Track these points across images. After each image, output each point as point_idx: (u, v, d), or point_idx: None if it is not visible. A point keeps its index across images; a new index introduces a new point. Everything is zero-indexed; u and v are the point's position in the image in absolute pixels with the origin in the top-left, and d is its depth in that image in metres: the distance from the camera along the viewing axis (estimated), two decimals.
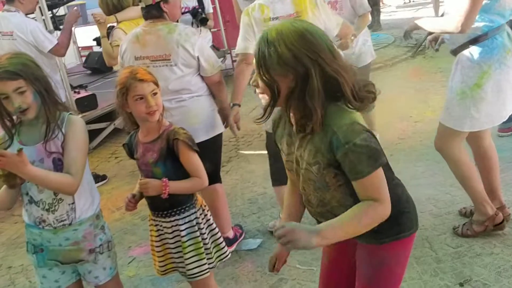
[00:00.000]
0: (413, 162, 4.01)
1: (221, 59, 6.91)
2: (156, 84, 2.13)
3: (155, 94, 2.11)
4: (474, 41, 2.56)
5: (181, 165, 2.14)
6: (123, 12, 4.18)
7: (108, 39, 3.98)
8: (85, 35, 11.56)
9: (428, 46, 2.91)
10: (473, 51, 2.57)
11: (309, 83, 1.44)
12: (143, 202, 2.28)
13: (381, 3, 10.91)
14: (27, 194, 2.04)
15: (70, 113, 2.04)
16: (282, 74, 1.45)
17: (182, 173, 2.15)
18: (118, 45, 3.86)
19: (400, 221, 1.63)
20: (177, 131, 2.12)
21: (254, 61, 1.51)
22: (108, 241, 2.17)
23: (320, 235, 1.44)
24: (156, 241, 2.26)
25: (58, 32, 5.56)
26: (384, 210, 1.51)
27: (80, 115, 2.34)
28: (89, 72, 7.40)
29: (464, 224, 2.94)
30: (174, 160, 2.12)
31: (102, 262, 2.14)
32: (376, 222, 1.51)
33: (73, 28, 8.34)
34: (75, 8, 4.64)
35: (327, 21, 2.93)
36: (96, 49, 8.26)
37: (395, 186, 1.64)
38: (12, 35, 4.07)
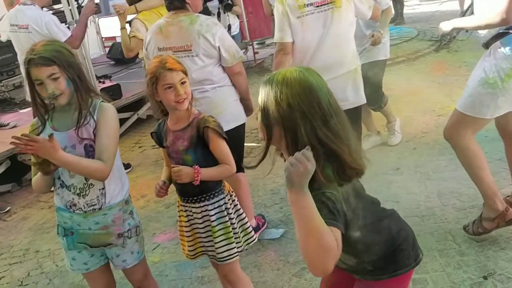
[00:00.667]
0: (436, 156, 3.99)
1: (243, 50, 6.94)
2: (185, 73, 2.17)
3: (183, 83, 2.15)
4: (507, 32, 2.53)
5: (210, 152, 2.18)
6: (143, 1, 4.23)
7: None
8: (109, 26, 11.73)
9: (440, 39, 2.86)
10: (507, 42, 2.54)
11: (297, 136, 1.42)
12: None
13: None
14: (59, 178, 2.09)
15: (102, 101, 2.08)
16: (276, 120, 1.43)
17: (211, 160, 2.19)
18: (135, 36, 3.92)
19: (398, 259, 1.60)
20: (207, 119, 2.16)
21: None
22: (136, 226, 2.22)
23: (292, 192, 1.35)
24: (185, 226, 2.30)
25: None
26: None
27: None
28: (112, 62, 7.49)
29: (473, 222, 2.86)
30: (204, 147, 2.16)
31: (130, 246, 2.19)
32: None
33: (96, 19, 8.50)
34: (92, 1, 4.69)
35: (360, 5, 2.95)
36: (119, 39, 8.38)
37: (388, 226, 1.61)
38: (27, 28, 4.13)
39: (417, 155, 4.08)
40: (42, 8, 4.32)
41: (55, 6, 6.33)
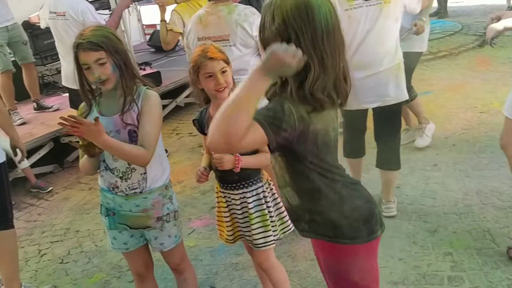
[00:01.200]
0: (476, 153, 3.91)
1: None
2: (227, 62, 2.19)
3: (224, 71, 2.17)
4: None
5: None
6: None
7: None
8: (150, 13, 11.89)
9: (488, 42, 2.75)
10: None
11: None
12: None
13: None
14: (103, 161, 2.15)
15: (147, 88, 2.11)
16: (272, 37, 1.47)
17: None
18: (171, 29, 3.89)
19: (337, 224, 1.58)
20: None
21: None
22: (175, 210, 2.26)
23: None
24: (225, 212, 2.35)
25: (126, 10, 5.76)
26: None
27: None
28: (153, 50, 7.59)
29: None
30: None
31: (168, 230, 2.23)
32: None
33: (138, 7, 8.61)
34: None
35: (409, 1, 2.91)
36: (159, 27, 8.49)
37: (339, 189, 1.59)
38: (64, 15, 4.22)
39: (456, 152, 4.00)
40: None
41: None
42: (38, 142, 4.66)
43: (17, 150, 2.87)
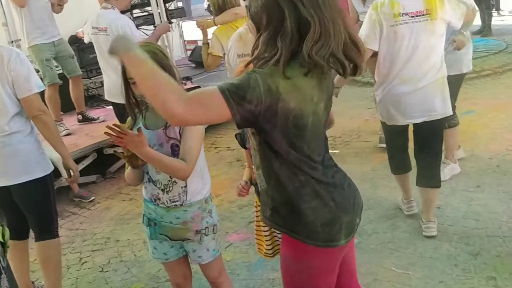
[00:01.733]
0: None
1: None
2: None
3: None
4: None
5: None
6: (220, 15, 4.31)
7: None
8: (191, 29, 12.14)
9: None
10: None
11: (284, 26, 1.45)
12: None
13: (495, 9, 10.32)
14: (147, 173, 2.21)
15: None
16: (263, 12, 1.48)
17: None
18: (211, 53, 3.94)
19: (295, 219, 1.57)
20: None
21: None
22: (214, 224, 2.28)
23: None
24: (264, 226, 2.36)
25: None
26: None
27: None
28: (193, 65, 7.73)
29: None
30: None
31: (207, 243, 2.26)
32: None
33: (180, 22, 8.81)
34: (167, 22, 4.88)
35: (453, 17, 2.92)
36: (200, 43, 8.64)
37: (312, 183, 1.56)
38: (106, 30, 4.36)
39: (500, 173, 3.89)
40: (121, 12, 4.54)
41: (143, 9, 6.68)
42: (82, 152, 4.80)
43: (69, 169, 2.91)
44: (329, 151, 1.73)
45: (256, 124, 1.46)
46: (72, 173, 2.91)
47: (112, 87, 4.55)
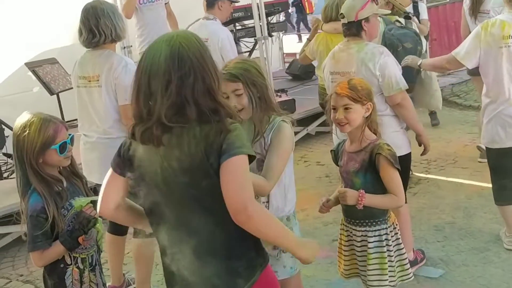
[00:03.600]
0: None
1: None
2: (353, 99, 2.22)
3: (347, 108, 2.23)
4: None
5: (380, 179, 2.20)
6: (329, 23, 4.38)
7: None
8: (291, 42, 12.33)
9: None
10: None
11: None
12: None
13: None
14: None
15: (283, 120, 2.16)
16: None
17: (380, 187, 2.22)
18: (305, 50, 4.28)
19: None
20: (381, 146, 2.20)
21: None
22: None
23: None
24: (344, 245, 2.37)
25: (269, 39, 6.07)
26: None
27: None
28: (290, 78, 7.84)
29: None
30: (374, 173, 2.21)
31: (284, 260, 2.24)
32: None
33: (281, 35, 8.98)
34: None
35: None
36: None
37: None
38: (207, 41, 4.52)
39: None
40: (223, 24, 4.73)
41: (246, 22, 6.91)
42: None
43: None
44: (422, 175, 1.70)
45: None
46: None
47: None
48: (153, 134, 1.54)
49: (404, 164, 3.02)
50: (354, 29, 2.98)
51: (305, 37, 9.65)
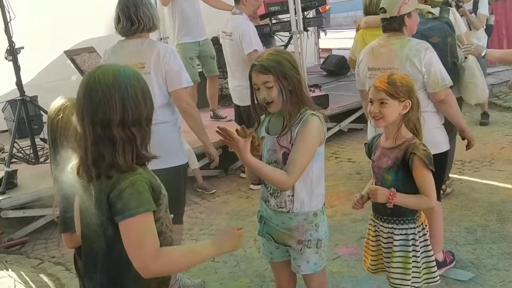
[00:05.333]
0: None
1: None
2: (390, 95, 2.18)
3: (382, 103, 2.19)
4: None
5: (412, 178, 2.17)
6: (368, 17, 4.33)
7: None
8: (327, 38, 12.23)
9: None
10: None
11: None
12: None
13: None
14: None
15: (312, 113, 2.12)
16: None
17: (411, 186, 2.18)
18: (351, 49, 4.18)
19: None
20: (417, 146, 2.16)
21: None
22: (319, 239, 2.22)
23: None
24: (372, 241, 2.35)
25: (305, 34, 6.03)
26: None
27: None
28: (324, 73, 7.78)
29: None
30: (407, 172, 2.17)
31: (307, 255, 2.22)
32: None
33: (317, 31, 8.92)
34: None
35: None
36: (335, 52, 8.67)
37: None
38: (231, 35, 4.55)
39: None
40: (260, 17, 4.73)
41: (281, 16, 6.88)
42: None
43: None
44: (456, 175, 1.66)
45: None
46: (212, 158, 3.17)
47: (232, 90, 4.84)
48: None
49: (442, 160, 2.97)
50: (395, 24, 2.91)
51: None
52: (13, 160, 4.46)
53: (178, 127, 3.07)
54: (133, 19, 2.90)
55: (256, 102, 2.22)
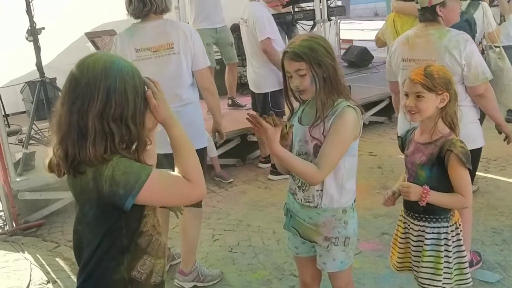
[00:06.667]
0: None
1: None
2: (427, 87, 2.07)
3: (419, 96, 2.08)
4: None
5: (447, 175, 2.06)
6: (398, 2, 4.23)
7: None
8: (348, 29, 12.04)
9: None
10: None
11: None
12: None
13: None
14: None
15: (348, 105, 2.02)
16: None
17: (445, 183, 2.08)
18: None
19: None
20: (454, 142, 2.05)
21: None
22: (347, 237, 2.12)
23: None
24: (400, 237, 2.26)
25: (328, 24, 5.91)
26: None
27: None
28: (346, 64, 7.65)
29: None
30: (441, 168, 2.07)
31: (334, 253, 2.13)
32: None
33: (338, 21, 8.79)
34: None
35: None
36: (357, 43, 8.53)
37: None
38: (247, 22, 4.47)
39: None
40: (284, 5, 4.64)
41: (302, 4, 6.75)
42: (227, 136, 4.95)
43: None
44: (481, 173, 1.57)
45: None
46: (220, 137, 3.27)
47: (249, 77, 4.77)
48: None
49: (477, 156, 2.87)
50: (429, 15, 2.80)
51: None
52: (31, 142, 4.43)
53: (200, 109, 3.08)
54: (145, 0, 2.84)
55: (288, 90, 2.12)
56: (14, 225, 4.04)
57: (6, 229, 4.06)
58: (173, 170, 1.55)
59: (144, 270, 1.55)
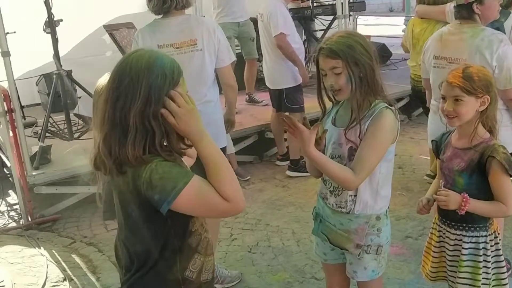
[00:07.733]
0: None
1: None
2: (467, 91, 1.97)
3: (457, 100, 1.98)
4: None
5: (487, 182, 1.97)
6: (419, 6, 4.16)
7: None
8: (364, 24, 11.90)
9: None
10: None
11: None
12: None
13: None
14: None
15: (386, 106, 1.93)
16: None
17: (484, 190, 1.98)
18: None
19: None
20: (496, 148, 1.95)
21: None
22: (379, 245, 2.04)
23: None
24: (435, 246, 2.17)
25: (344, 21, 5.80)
26: None
27: None
28: None
29: None
30: (481, 175, 1.97)
31: (366, 261, 2.05)
32: None
33: (356, 16, 8.68)
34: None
35: None
36: (374, 39, 8.38)
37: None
38: (262, 16, 4.40)
39: None
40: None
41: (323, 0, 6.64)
42: (245, 132, 4.94)
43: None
44: None
45: None
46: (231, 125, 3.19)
47: (265, 73, 4.68)
48: None
49: None
50: (464, 12, 2.70)
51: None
52: (47, 135, 4.38)
53: (220, 108, 3.03)
54: None
55: (323, 89, 2.01)
56: (30, 219, 3.99)
57: (21, 223, 4.02)
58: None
59: (195, 269, 1.56)
